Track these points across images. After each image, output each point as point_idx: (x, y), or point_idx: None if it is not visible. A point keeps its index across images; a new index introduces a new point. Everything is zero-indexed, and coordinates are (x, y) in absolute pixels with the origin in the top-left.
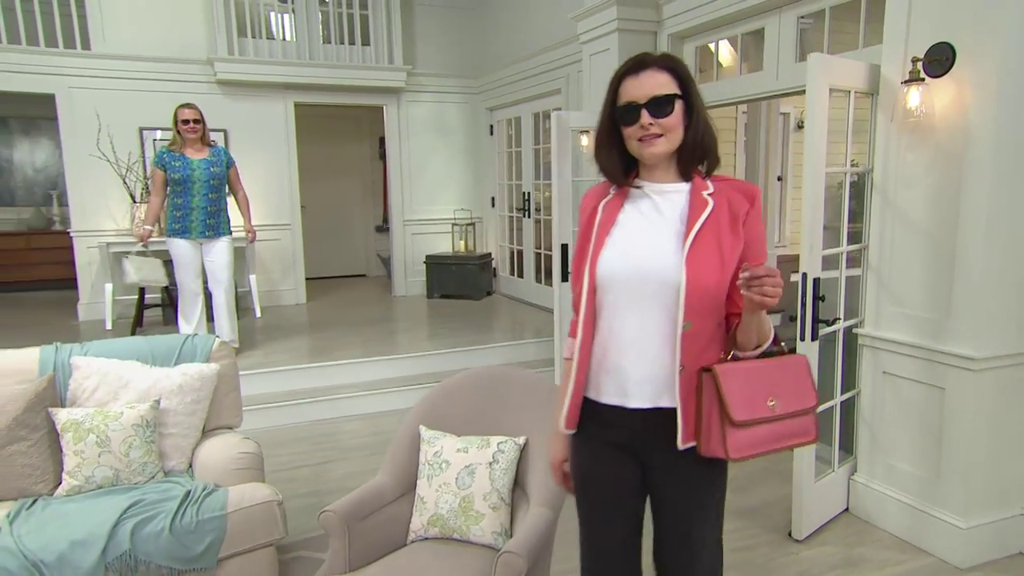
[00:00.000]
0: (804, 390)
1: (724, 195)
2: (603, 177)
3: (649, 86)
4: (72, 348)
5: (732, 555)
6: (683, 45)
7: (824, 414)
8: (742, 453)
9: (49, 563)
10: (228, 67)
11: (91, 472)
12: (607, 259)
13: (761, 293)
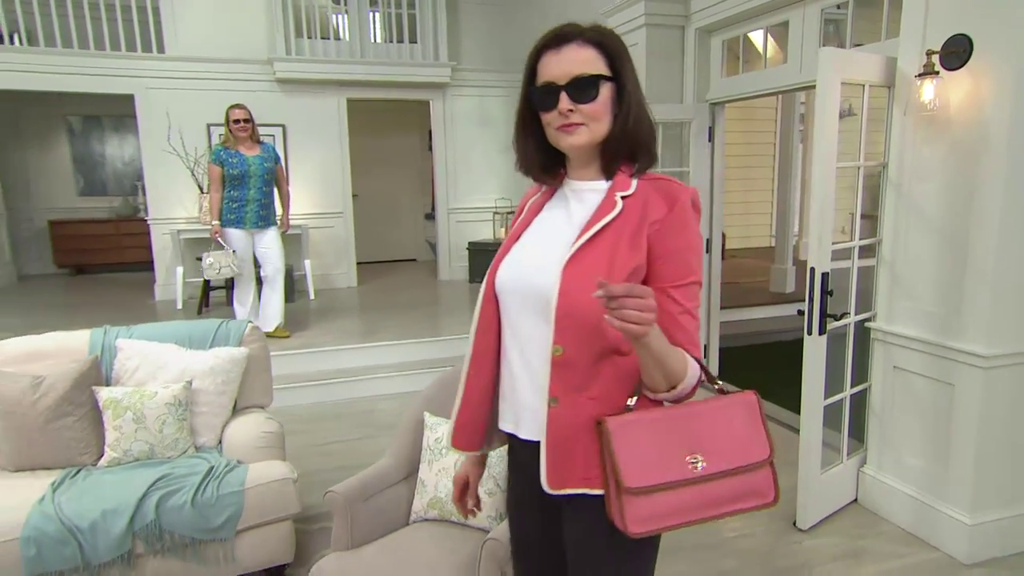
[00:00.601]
0: (752, 439)
1: (642, 197)
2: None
3: (571, 63)
4: (119, 331)
5: (734, 542)
6: (711, 39)
7: (834, 407)
8: (646, 527)
9: (83, 529)
10: (286, 66)
11: (129, 446)
12: (503, 267)
13: (620, 317)
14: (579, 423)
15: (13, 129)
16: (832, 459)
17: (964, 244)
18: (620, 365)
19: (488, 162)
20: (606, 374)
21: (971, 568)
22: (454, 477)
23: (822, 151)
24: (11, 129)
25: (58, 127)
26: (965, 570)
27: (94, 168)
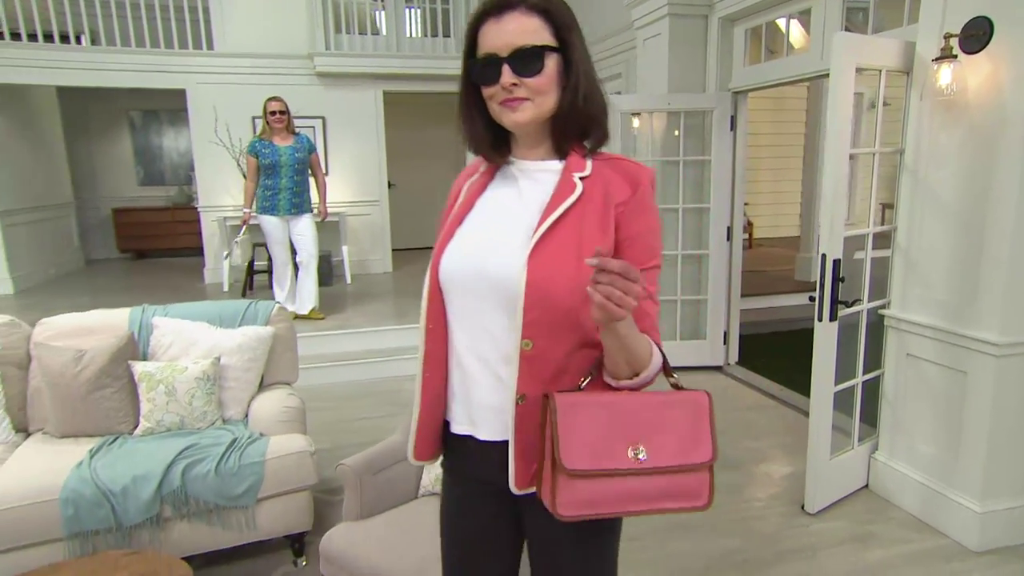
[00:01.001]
0: (696, 439)
1: (601, 179)
2: None
3: (513, 33)
4: (155, 309)
5: (742, 523)
6: (734, 28)
7: (846, 393)
8: (573, 512)
9: (116, 492)
10: (326, 60)
11: (161, 417)
12: (450, 255)
13: (606, 294)
14: (541, 417)
15: (81, 124)
16: (844, 445)
17: (980, 231)
18: (590, 358)
19: None
20: (575, 368)
21: (980, 556)
22: None
23: (835, 137)
24: (79, 124)
25: (121, 121)
26: (974, 557)
27: (152, 159)
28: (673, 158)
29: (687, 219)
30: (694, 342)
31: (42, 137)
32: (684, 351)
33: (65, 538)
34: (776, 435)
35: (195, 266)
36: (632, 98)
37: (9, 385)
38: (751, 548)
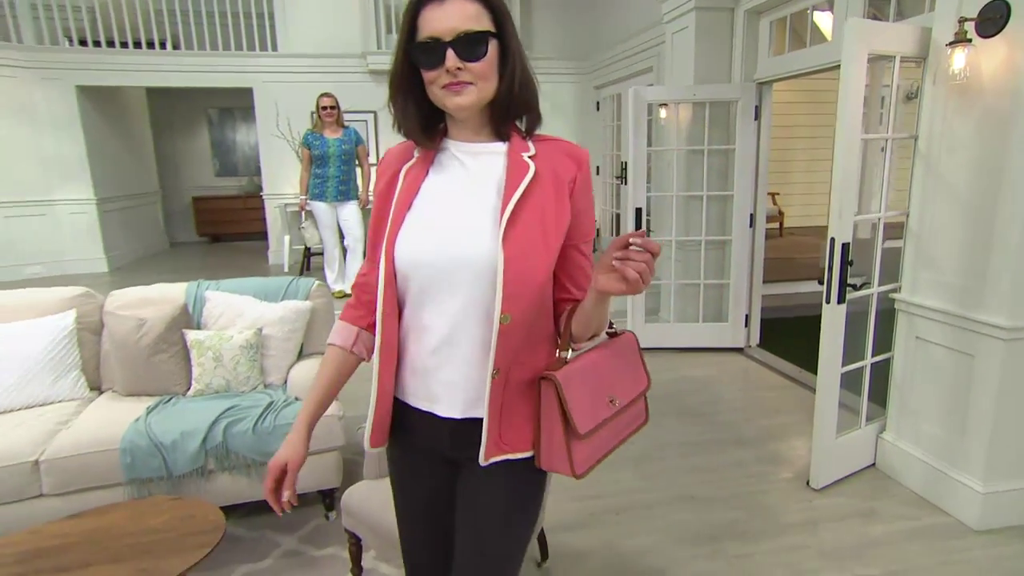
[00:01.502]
0: (637, 374)
1: (548, 158)
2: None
3: (457, 18)
4: (208, 284)
5: (748, 497)
6: (759, 20)
7: (854, 374)
8: (587, 466)
9: (167, 445)
10: (377, 59)
11: (210, 380)
12: (407, 241)
13: (638, 271)
14: (513, 393)
15: (166, 121)
16: (853, 424)
17: (991, 216)
18: (542, 329)
19: None
20: (536, 339)
21: (980, 534)
22: (270, 464)
23: (846, 124)
24: (165, 121)
25: (200, 118)
26: (974, 535)
27: (227, 152)
28: (698, 147)
29: (711, 206)
30: (716, 324)
31: (133, 133)
32: (706, 333)
33: (125, 483)
34: (790, 414)
35: (261, 249)
36: (659, 89)
37: (85, 348)
38: (753, 520)
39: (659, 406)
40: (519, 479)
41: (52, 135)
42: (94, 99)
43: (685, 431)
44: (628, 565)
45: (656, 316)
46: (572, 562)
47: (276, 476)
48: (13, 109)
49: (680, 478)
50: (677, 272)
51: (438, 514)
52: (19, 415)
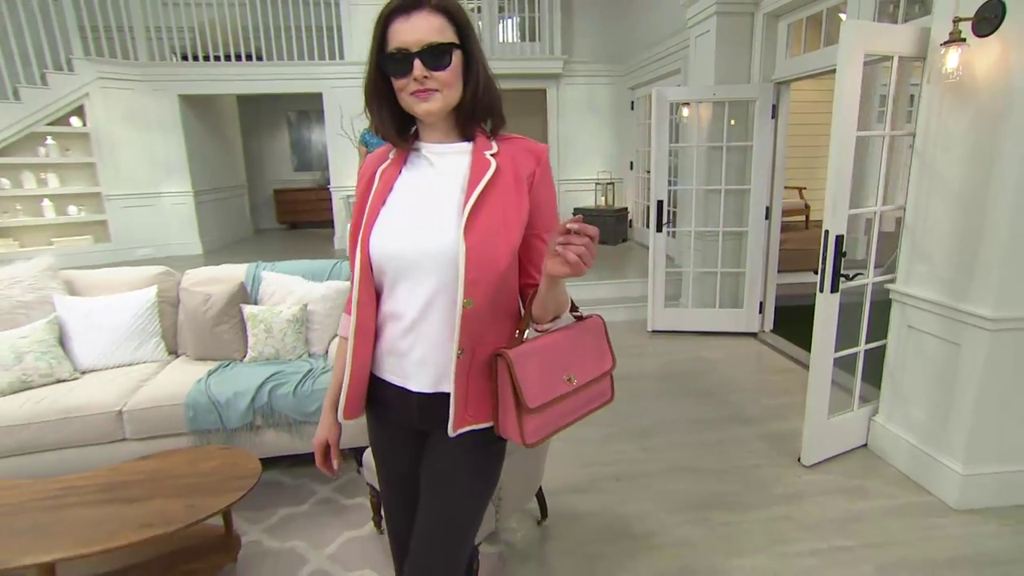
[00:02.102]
0: (602, 354)
1: (509, 155)
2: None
3: (423, 31)
4: (265, 266)
5: (742, 471)
6: (777, 23)
7: (848, 360)
8: (538, 437)
9: (221, 403)
10: None
11: (262, 349)
12: (380, 235)
13: (579, 254)
14: (478, 369)
15: (253, 123)
16: (845, 406)
17: (981, 211)
18: (510, 310)
19: (594, 141)
20: (497, 321)
21: (959, 513)
22: (315, 443)
23: (841, 122)
24: (252, 123)
25: (281, 120)
26: (953, 514)
27: (304, 150)
28: (717, 144)
29: (728, 199)
30: (732, 310)
31: (224, 134)
32: (723, 318)
33: (188, 433)
34: (794, 395)
35: (329, 235)
36: (681, 90)
37: (164, 318)
38: (744, 491)
39: (671, 385)
40: (479, 447)
41: (159, 138)
42: (193, 106)
43: (693, 408)
44: (620, 527)
45: (676, 301)
46: (570, 522)
47: (322, 451)
48: (129, 116)
49: (681, 451)
50: (696, 261)
51: (413, 483)
52: (110, 373)
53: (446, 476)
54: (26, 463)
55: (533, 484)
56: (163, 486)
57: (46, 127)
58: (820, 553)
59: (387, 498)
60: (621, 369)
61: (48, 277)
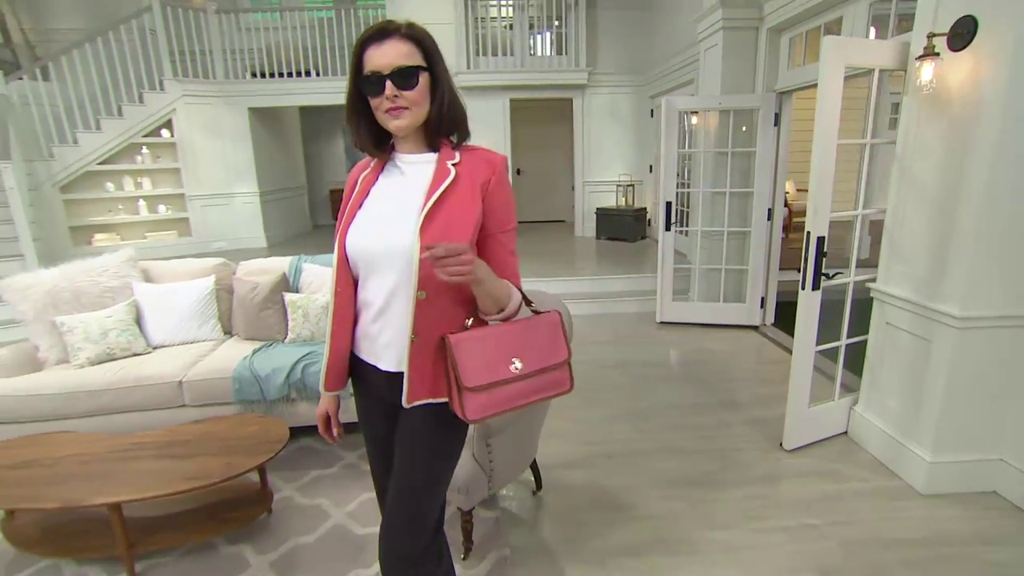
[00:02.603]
0: (556, 346)
1: (469, 164)
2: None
3: (393, 56)
4: (306, 258)
5: (726, 453)
6: (780, 37)
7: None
8: (479, 414)
9: (262, 377)
10: (467, 77)
11: (300, 331)
12: (353, 233)
13: (447, 273)
14: (431, 351)
15: (312, 132)
16: (827, 396)
17: (952, 216)
18: (462, 300)
19: (615, 146)
20: (451, 310)
21: (925, 498)
22: (317, 414)
23: (823, 130)
24: (311, 131)
25: (336, 129)
26: (919, 498)
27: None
28: (723, 149)
29: (733, 201)
30: (735, 304)
31: (287, 141)
32: (727, 312)
33: (234, 402)
34: (784, 384)
35: None
36: (689, 99)
37: (221, 303)
38: (725, 471)
39: (672, 372)
40: (441, 424)
41: (231, 145)
42: (261, 117)
43: (688, 394)
44: (606, 499)
45: (685, 295)
46: (562, 493)
47: (323, 422)
48: (207, 127)
49: (672, 433)
50: (702, 258)
51: (390, 447)
52: (176, 349)
53: (410, 446)
54: (104, 422)
55: (525, 459)
56: (208, 446)
57: (142, 138)
58: (789, 529)
59: (371, 458)
60: (628, 356)
61: (129, 267)
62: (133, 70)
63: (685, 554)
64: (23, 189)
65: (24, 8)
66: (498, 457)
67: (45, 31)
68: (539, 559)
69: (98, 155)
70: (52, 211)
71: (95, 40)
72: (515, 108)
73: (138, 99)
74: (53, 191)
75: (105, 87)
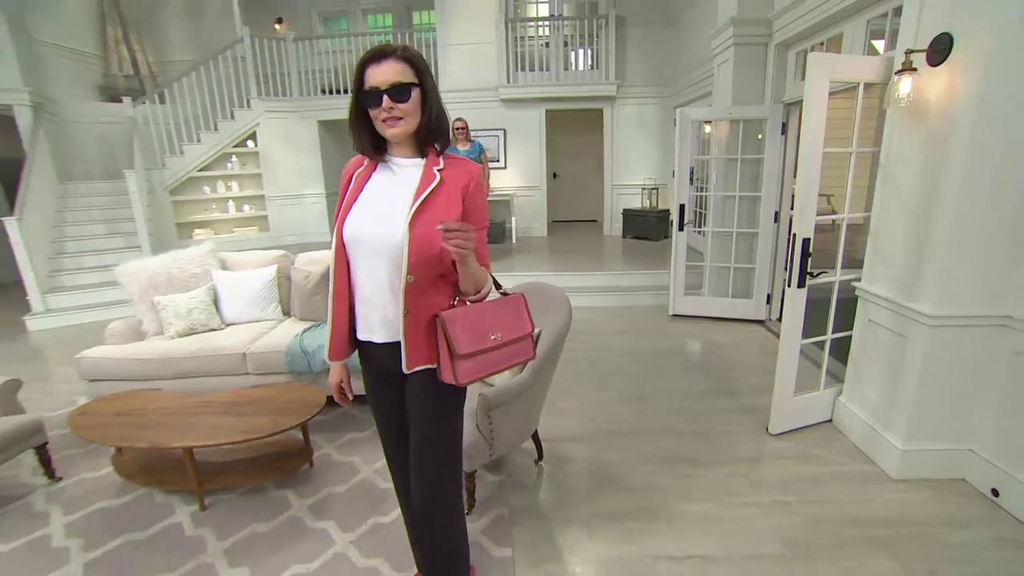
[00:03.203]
0: (522, 321)
1: (451, 171)
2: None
3: (389, 73)
4: None
5: (715, 435)
6: (787, 52)
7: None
8: (469, 378)
9: (309, 352)
10: (506, 91)
11: None
12: (349, 224)
13: (453, 245)
14: (423, 324)
15: None
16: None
17: (928, 221)
18: (444, 283)
19: (642, 152)
20: (434, 290)
21: (896, 482)
22: (331, 383)
23: (808, 139)
24: None
25: None
26: (890, 483)
27: None
28: (733, 156)
29: (742, 204)
30: (743, 300)
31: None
32: (735, 307)
33: (286, 372)
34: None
35: None
36: (702, 109)
37: (281, 289)
38: (711, 451)
39: (678, 360)
40: (435, 384)
41: (303, 153)
42: (328, 128)
43: (689, 381)
44: (600, 471)
45: (699, 291)
46: (561, 463)
47: (338, 389)
48: (284, 138)
49: (669, 416)
50: (713, 256)
51: (396, 414)
52: (244, 326)
53: (417, 407)
54: (184, 384)
55: (525, 431)
56: (261, 407)
57: (232, 148)
58: (761, 504)
59: (379, 423)
60: (640, 345)
61: (210, 257)
62: (227, 91)
63: (662, 521)
64: (142, 193)
65: (150, 45)
66: (498, 428)
67: (164, 63)
68: (532, 518)
69: (198, 163)
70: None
71: (199, 68)
72: (552, 118)
73: (230, 115)
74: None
75: (205, 106)
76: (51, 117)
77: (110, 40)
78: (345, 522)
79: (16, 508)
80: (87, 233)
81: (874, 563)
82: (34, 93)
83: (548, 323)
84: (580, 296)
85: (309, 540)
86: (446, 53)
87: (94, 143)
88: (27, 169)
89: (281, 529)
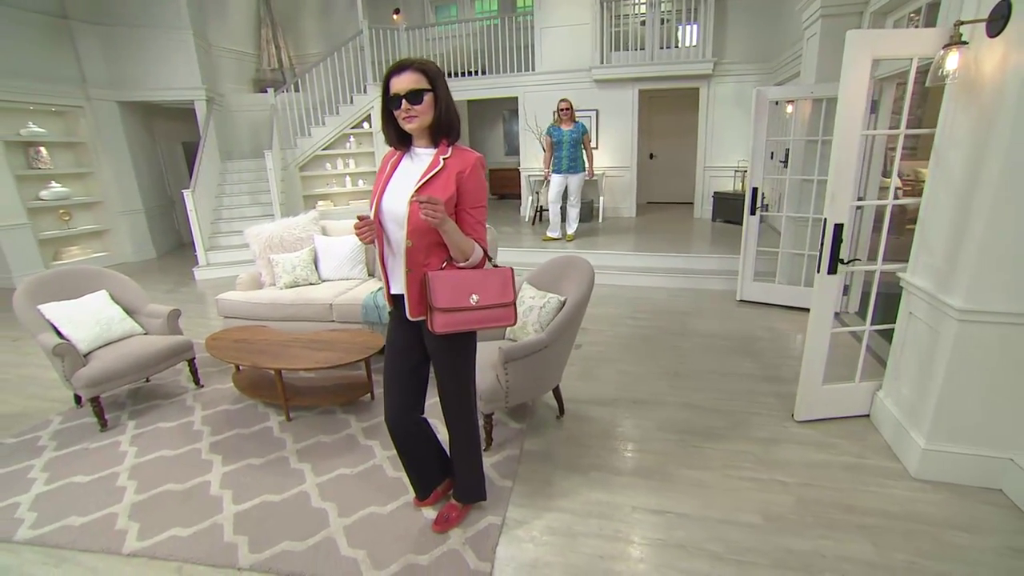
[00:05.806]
0: (506, 290)
1: (456, 159)
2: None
3: (407, 82)
4: None
5: (739, 414)
6: (885, 20)
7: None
8: (443, 329)
9: (380, 307)
10: (599, 71)
11: None
12: (382, 201)
13: (423, 213)
14: (419, 281)
15: (479, 120)
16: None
17: (967, 208)
18: (438, 248)
19: (738, 132)
20: (430, 254)
21: (914, 481)
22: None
23: (844, 121)
24: (478, 120)
25: (498, 117)
26: (908, 480)
27: (512, 139)
28: (813, 138)
29: (821, 189)
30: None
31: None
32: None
33: (362, 322)
34: (836, 367)
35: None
36: (778, 89)
37: (368, 252)
38: (729, 429)
39: (730, 344)
40: (446, 334)
41: None
42: None
43: (733, 364)
44: (615, 433)
45: (769, 278)
46: (581, 422)
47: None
48: None
49: (699, 394)
50: (786, 242)
51: (403, 352)
52: (334, 283)
53: (432, 349)
54: (285, 325)
55: (542, 386)
56: (333, 346)
57: (350, 130)
58: (758, 480)
59: (386, 358)
60: (697, 327)
61: (313, 224)
62: (347, 78)
63: (655, 480)
64: (277, 169)
65: (292, 41)
66: (513, 379)
67: (301, 56)
68: (539, 461)
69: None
70: (293, 185)
71: (326, 60)
72: (649, 98)
73: (350, 100)
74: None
75: (330, 93)
76: (218, 108)
77: (263, 40)
78: (387, 443)
79: (176, 401)
80: (236, 203)
81: (849, 545)
82: (208, 89)
83: (572, 291)
84: (651, 277)
85: (357, 453)
86: (542, 35)
87: (246, 127)
88: (200, 150)
89: (339, 442)
